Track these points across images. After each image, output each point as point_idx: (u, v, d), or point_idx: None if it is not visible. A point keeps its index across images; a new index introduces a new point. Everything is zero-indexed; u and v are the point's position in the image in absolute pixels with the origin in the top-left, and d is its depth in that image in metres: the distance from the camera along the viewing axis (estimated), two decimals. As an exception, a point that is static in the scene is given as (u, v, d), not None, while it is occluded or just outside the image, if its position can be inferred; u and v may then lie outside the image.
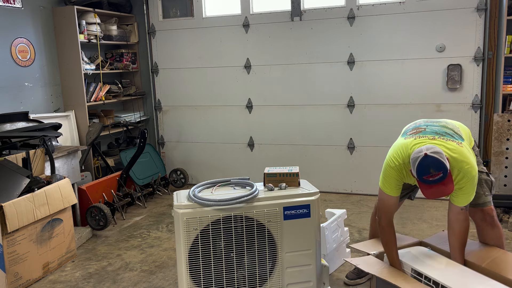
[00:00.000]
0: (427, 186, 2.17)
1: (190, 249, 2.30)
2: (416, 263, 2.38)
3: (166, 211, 4.52)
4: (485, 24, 4.15)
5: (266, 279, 2.42)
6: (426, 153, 2.14)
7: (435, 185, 2.15)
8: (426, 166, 2.13)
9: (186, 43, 5.20)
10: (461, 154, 2.26)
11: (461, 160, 2.25)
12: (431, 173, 2.12)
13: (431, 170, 2.12)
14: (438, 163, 2.11)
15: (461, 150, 2.28)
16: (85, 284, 3.08)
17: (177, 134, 5.48)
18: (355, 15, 4.52)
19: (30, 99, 4.44)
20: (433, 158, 2.12)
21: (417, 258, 2.44)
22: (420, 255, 2.48)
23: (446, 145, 2.29)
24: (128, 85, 5.43)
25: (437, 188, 2.15)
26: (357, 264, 2.43)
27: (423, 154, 2.14)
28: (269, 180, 2.53)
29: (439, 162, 2.12)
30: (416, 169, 2.17)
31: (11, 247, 2.94)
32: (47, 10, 4.60)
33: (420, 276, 2.30)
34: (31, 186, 3.14)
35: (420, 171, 2.15)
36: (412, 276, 2.34)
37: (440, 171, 2.11)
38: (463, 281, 2.19)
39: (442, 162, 2.12)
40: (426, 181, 2.15)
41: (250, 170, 5.08)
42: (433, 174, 2.11)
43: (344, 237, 3.22)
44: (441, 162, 2.12)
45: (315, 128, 4.87)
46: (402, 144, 2.41)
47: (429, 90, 4.41)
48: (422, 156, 2.14)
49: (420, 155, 2.16)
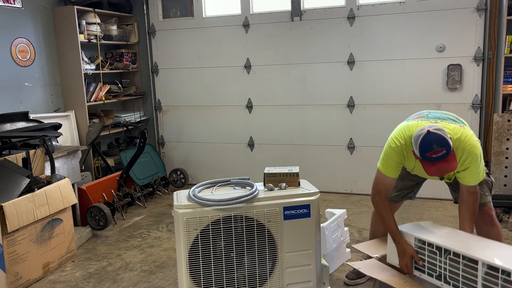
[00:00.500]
0: (430, 164, 2.16)
1: (190, 249, 2.30)
2: (419, 232, 2.36)
3: (166, 211, 4.52)
4: (485, 24, 4.15)
5: (266, 279, 2.42)
6: (428, 129, 2.15)
7: (438, 162, 2.14)
8: (429, 142, 2.12)
9: (186, 43, 5.20)
10: (463, 134, 2.28)
11: (464, 140, 2.26)
12: (434, 149, 2.11)
13: (434, 146, 2.11)
14: (441, 139, 2.11)
15: (463, 131, 2.30)
16: (85, 284, 3.08)
17: (177, 134, 5.48)
18: (355, 15, 4.52)
19: (30, 99, 4.44)
20: (436, 134, 2.12)
21: (420, 228, 2.42)
22: (423, 226, 2.46)
23: (448, 127, 2.30)
24: (128, 85, 5.43)
25: (440, 165, 2.14)
26: (359, 268, 2.42)
27: (425, 131, 2.15)
28: (269, 180, 2.53)
29: (441, 138, 2.12)
30: (419, 146, 2.16)
31: (11, 247, 2.94)
32: (47, 10, 4.60)
33: (423, 244, 2.28)
34: (31, 186, 3.14)
35: (422, 148, 2.15)
36: (415, 245, 2.32)
37: (443, 147, 2.10)
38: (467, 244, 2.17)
39: (445, 138, 2.12)
40: (429, 158, 2.14)
41: (250, 170, 5.08)
42: (436, 150, 2.11)
43: (344, 237, 3.22)
44: (443, 138, 2.12)
45: (315, 128, 4.87)
46: (404, 125, 2.42)
47: (429, 90, 4.41)
48: (425, 132, 2.15)
49: (422, 132, 2.16)
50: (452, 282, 2.15)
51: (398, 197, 2.79)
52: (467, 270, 2.06)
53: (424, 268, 2.29)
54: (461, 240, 2.22)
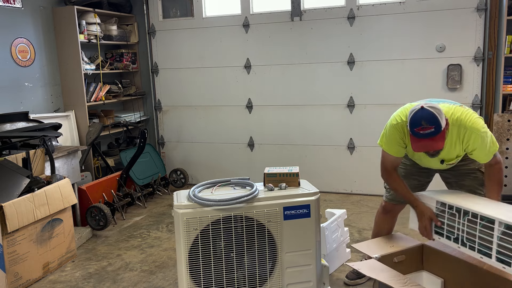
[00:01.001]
0: (417, 139, 2.19)
1: (190, 249, 2.30)
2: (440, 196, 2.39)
3: (166, 211, 4.52)
4: (485, 24, 4.15)
5: (266, 279, 2.42)
6: (422, 105, 2.16)
7: (425, 139, 2.16)
8: (419, 118, 2.14)
9: (186, 43, 5.20)
10: (463, 113, 2.29)
11: (465, 119, 2.27)
12: (422, 125, 2.13)
13: (423, 122, 2.13)
14: (431, 116, 2.13)
15: (463, 109, 2.31)
16: (85, 284, 3.09)
17: (177, 134, 5.48)
18: (355, 15, 4.52)
19: (30, 99, 4.44)
20: (428, 111, 2.14)
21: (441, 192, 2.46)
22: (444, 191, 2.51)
23: (449, 106, 2.32)
24: (128, 85, 5.43)
25: (425, 142, 2.17)
26: (359, 269, 2.41)
27: (419, 106, 2.17)
28: (269, 180, 2.53)
29: (432, 116, 2.13)
30: (409, 120, 2.19)
31: (11, 247, 2.94)
32: (47, 10, 4.60)
33: (444, 206, 2.32)
34: (31, 186, 3.14)
35: (412, 123, 2.17)
36: (436, 209, 2.36)
37: (432, 125, 2.12)
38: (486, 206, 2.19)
39: (436, 116, 2.13)
40: (416, 133, 2.17)
41: (250, 170, 5.08)
42: (424, 127, 2.12)
43: (344, 237, 3.23)
44: (434, 116, 2.13)
45: (315, 128, 4.87)
46: (407, 105, 2.45)
47: (429, 90, 4.40)
48: (418, 108, 2.17)
49: (416, 107, 2.18)
50: (468, 244, 2.18)
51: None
52: (484, 231, 2.09)
53: (442, 231, 2.33)
54: (480, 203, 2.24)
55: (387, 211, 2.87)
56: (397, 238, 2.83)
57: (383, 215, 2.89)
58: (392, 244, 2.72)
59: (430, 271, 2.71)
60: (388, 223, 2.90)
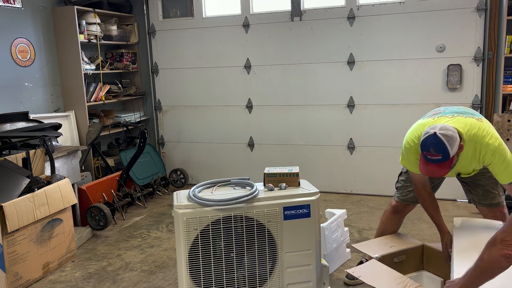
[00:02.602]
0: (424, 161, 2.22)
1: (190, 249, 2.30)
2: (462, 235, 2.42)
3: (166, 211, 4.52)
4: (485, 24, 4.15)
5: (266, 279, 2.42)
6: (436, 132, 2.16)
7: (431, 163, 2.18)
8: (429, 144, 2.16)
9: (186, 43, 5.20)
10: (480, 128, 2.28)
11: (482, 135, 2.26)
12: (431, 152, 2.15)
13: (431, 149, 2.15)
14: (440, 145, 2.13)
15: (480, 124, 2.30)
16: (85, 284, 3.08)
17: (177, 134, 5.48)
18: (355, 15, 4.52)
19: (30, 99, 4.44)
20: (439, 139, 2.13)
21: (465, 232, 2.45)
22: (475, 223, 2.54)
23: (466, 121, 2.30)
24: (128, 85, 5.43)
25: (432, 167, 2.19)
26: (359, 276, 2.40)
27: (433, 132, 2.16)
28: (269, 180, 2.53)
29: (442, 145, 2.13)
30: (421, 142, 2.21)
31: (11, 247, 2.94)
32: (47, 10, 4.60)
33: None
34: (31, 186, 3.14)
35: (422, 145, 2.20)
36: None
37: (439, 153, 2.13)
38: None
39: (445, 146, 2.12)
40: (425, 156, 2.20)
41: (250, 170, 5.08)
42: (432, 154, 2.15)
43: (344, 237, 3.22)
44: (444, 145, 2.12)
45: (315, 128, 4.87)
46: (420, 124, 2.46)
47: (429, 90, 4.41)
48: (431, 133, 2.17)
49: (430, 131, 2.18)
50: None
51: (414, 198, 2.78)
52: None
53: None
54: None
55: (397, 211, 2.87)
56: (398, 238, 2.83)
57: (392, 215, 2.89)
58: (393, 244, 2.72)
59: (430, 271, 2.71)
60: (395, 223, 2.90)
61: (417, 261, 2.73)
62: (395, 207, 2.86)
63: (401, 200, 2.82)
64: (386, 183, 4.47)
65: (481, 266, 1.77)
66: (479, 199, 2.65)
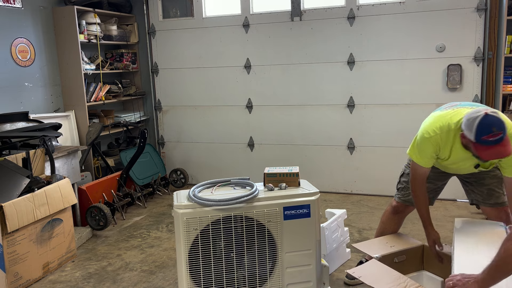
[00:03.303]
0: (485, 147, 2.08)
1: (190, 249, 2.30)
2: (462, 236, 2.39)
3: (166, 211, 4.52)
4: (485, 24, 4.15)
5: (266, 279, 2.42)
6: (486, 112, 2.08)
7: (494, 145, 2.05)
8: (488, 124, 2.04)
9: (186, 43, 5.19)
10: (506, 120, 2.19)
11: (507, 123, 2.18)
12: (493, 131, 2.03)
13: (494, 128, 2.03)
14: (500, 121, 2.05)
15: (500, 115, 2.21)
16: (85, 284, 3.08)
17: (177, 134, 5.48)
18: (355, 15, 4.52)
19: (30, 99, 4.44)
20: (494, 116, 2.06)
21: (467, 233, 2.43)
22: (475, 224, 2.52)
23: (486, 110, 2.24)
24: (128, 85, 5.43)
25: (495, 149, 2.06)
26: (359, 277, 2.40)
27: (483, 113, 2.07)
28: (269, 180, 2.53)
29: (500, 121, 2.05)
30: (476, 129, 2.07)
31: (11, 247, 2.94)
32: (47, 10, 4.60)
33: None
34: (31, 186, 3.14)
35: (480, 130, 2.06)
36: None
37: (501, 130, 2.03)
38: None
39: (503, 121, 2.06)
40: (485, 141, 2.06)
41: (250, 170, 5.08)
42: (494, 133, 2.03)
43: (344, 237, 3.22)
44: (502, 121, 2.05)
45: (315, 128, 4.87)
46: (439, 115, 2.39)
47: (429, 90, 4.41)
48: (482, 115, 2.07)
49: (479, 114, 2.08)
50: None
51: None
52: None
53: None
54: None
55: (397, 212, 2.87)
56: (398, 238, 2.83)
57: (392, 215, 2.88)
58: (393, 244, 2.72)
59: (430, 271, 2.71)
60: (395, 224, 2.90)
61: (417, 261, 2.73)
62: (395, 207, 2.86)
63: (402, 201, 2.82)
64: (386, 183, 4.47)
65: (498, 261, 1.78)
66: (483, 198, 2.62)
